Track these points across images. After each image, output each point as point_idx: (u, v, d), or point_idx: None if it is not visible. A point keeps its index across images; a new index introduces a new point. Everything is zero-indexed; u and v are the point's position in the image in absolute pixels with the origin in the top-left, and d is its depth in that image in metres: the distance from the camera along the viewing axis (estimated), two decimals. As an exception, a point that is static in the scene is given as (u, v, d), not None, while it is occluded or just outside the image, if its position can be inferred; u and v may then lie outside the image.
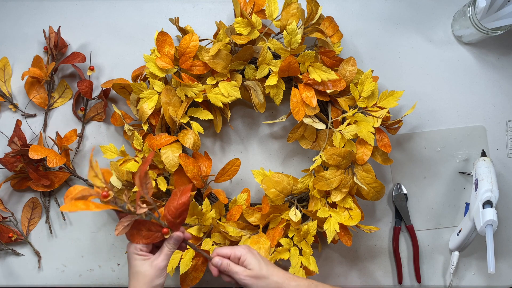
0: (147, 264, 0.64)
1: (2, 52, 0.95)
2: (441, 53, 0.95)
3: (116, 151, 0.86)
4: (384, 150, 0.84)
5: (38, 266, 0.93)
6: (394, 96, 0.85)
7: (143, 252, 0.65)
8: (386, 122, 0.86)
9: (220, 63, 0.85)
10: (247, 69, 0.87)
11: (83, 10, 0.96)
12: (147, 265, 0.64)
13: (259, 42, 0.86)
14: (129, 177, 0.85)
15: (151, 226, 0.65)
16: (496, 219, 0.80)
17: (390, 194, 0.94)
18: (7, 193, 0.94)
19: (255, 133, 0.95)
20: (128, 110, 0.93)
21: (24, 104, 0.95)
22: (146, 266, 0.64)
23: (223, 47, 0.85)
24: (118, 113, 0.89)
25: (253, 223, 0.86)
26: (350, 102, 0.86)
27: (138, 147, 0.86)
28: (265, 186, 0.83)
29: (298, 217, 0.82)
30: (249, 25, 0.83)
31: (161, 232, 0.65)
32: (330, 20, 0.88)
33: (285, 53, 0.84)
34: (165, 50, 0.85)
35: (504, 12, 0.87)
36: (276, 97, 0.86)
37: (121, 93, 0.90)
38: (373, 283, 0.94)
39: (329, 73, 0.84)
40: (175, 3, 0.96)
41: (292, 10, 0.85)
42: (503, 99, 0.95)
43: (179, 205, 0.64)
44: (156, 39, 0.84)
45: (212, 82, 0.86)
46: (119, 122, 0.90)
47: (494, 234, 0.80)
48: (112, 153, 0.86)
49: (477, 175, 0.86)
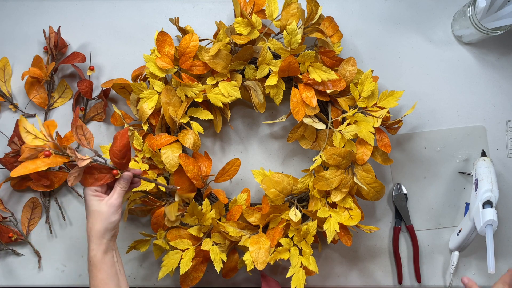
0: (103, 203, 0.70)
1: (2, 52, 0.95)
2: (441, 53, 0.95)
3: None
4: (384, 150, 0.84)
5: (38, 266, 0.93)
6: (394, 96, 0.85)
7: (98, 193, 0.71)
8: (386, 122, 0.86)
9: (220, 63, 0.85)
10: (247, 69, 0.87)
11: (83, 10, 0.96)
12: (103, 204, 0.70)
13: (259, 42, 0.86)
14: None
15: (102, 169, 0.71)
16: (496, 219, 0.80)
17: (390, 194, 0.94)
18: (7, 193, 0.94)
19: (255, 133, 0.95)
20: (128, 110, 0.93)
21: (24, 104, 0.95)
22: (102, 205, 0.70)
23: (223, 47, 0.85)
24: (118, 113, 0.89)
25: (253, 223, 0.86)
26: (350, 102, 0.86)
27: (138, 147, 0.86)
28: (265, 186, 0.83)
29: (298, 217, 0.82)
30: (249, 25, 0.83)
31: (111, 174, 0.71)
32: (330, 20, 0.88)
33: (285, 53, 0.84)
34: (165, 50, 0.85)
35: (504, 12, 0.87)
36: (276, 97, 0.86)
37: (121, 93, 0.90)
38: (373, 283, 0.94)
39: (329, 73, 0.84)
40: (175, 3, 0.96)
41: (292, 10, 0.85)
42: (503, 99, 0.95)
43: (121, 146, 0.70)
44: (156, 39, 0.84)
45: (212, 82, 0.86)
46: (119, 122, 0.90)
47: (494, 234, 0.80)
48: None
49: (477, 175, 0.86)
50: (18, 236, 0.92)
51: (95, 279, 0.69)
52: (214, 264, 0.82)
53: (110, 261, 0.70)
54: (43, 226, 0.94)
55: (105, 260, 0.69)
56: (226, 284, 0.93)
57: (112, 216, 0.70)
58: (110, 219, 0.70)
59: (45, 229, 0.94)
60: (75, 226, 0.94)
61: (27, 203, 0.93)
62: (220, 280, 0.93)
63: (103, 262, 0.69)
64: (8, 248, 0.93)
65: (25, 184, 0.91)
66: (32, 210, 0.93)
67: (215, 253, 0.83)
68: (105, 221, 0.69)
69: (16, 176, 0.90)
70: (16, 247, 0.93)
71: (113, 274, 0.70)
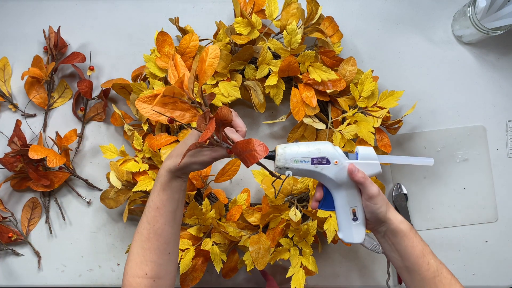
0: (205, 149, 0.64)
1: (2, 52, 0.95)
2: (441, 53, 0.95)
3: (116, 151, 0.86)
4: (384, 150, 0.84)
5: (38, 266, 0.93)
6: (394, 96, 0.85)
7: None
8: (386, 122, 0.86)
9: (220, 63, 0.85)
10: (247, 69, 0.87)
11: (83, 10, 0.96)
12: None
13: (259, 42, 0.86)
14: (129, 177, 0.84)
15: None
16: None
17: (390, 194, 0.94)
18: (7, 193, 0.94)
19: (255, 133, 0.95)
20: (128, 110, 0.93)
21: (24, 104, 0.95)
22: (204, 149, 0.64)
23: (223, 47, 0.85)
24: (118, 113, 0.89)
25: (253, 223, 0.86)
26: (350, 102, 0.86)
27: (138, 147, 0.85)
28: (265, 186, 0.83)
29: (298, 217, 0.82)
30: (249, 25, 0.83)
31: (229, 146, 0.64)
32: (330, 20, 0.88)
33: (285, 53, 0.84)
34: (165, 50, 0.85)
35: (504, 12, 0.87)
36: (276, 97, 0.86)
37: (121, 93, 0.89)
38: (373, 283, 0.94)
39: (329, 73, 0.84)
40: (175, 3, 0.96)
41: (292, 10, 0.85)
42: (503, 99, 0.95)
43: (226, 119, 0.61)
44: (156, 39, 0.84)
45: (212, 82, 0.86)
46: (119, 122, 0.90)
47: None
48: (112, 153, 0.86)
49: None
50: (18, 236, 0.92)
51: (156, 197, 0.65)
52: (214, 264, 0.82)
53: (177, 187, 0.66)
54: (43, 226, 0.94)
55: (172, 183, 0.65)
56: (226, 284, 0.93)
57: (202, 155, 0.64)
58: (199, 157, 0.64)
59: (45, 229, 0.94)
60: (75, 226, 0.94)
61: (27, 203, 0.93)
62: (220, 280, 0.93)
63: (170, 184, 0.65)
64: (8, 248, 0.92)
65: (25, 184, 0.91)
66: (32, 210, 0.93)
67: (215, 253, 0.83)
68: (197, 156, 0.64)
69: (16, 176, 0.91)
70: (16, 247, 0.93)
71: (176, 199, 0.66)
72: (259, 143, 0.57)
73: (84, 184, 0.94)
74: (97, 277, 0.94)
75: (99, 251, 0.94)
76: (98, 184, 0.93)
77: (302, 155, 0.62)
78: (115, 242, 0.94)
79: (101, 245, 0.93)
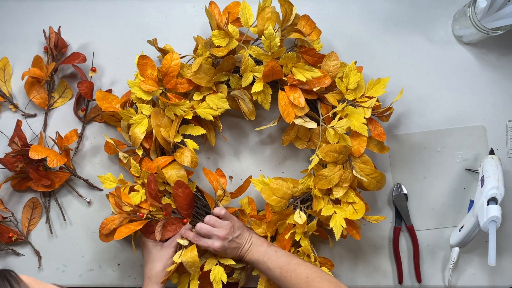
0: (164, 248, 0.84)
1: (2, 52, 0.95)
2: (441, 53, 0.95)
3: (115, 180, 0.86)
4: (379, 139, 0.84)
5: (38, 266, 0.93)
6: (381, 84, 0.84)
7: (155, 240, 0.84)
8: (376, 111, 0.86)
9: (203, 77, 0.84)
10: (232, 79, 0.87)
11: (83, 10, 0.96)
12: (165, 249, 0.84)
13: (239, 51, 0.85)
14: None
15: (173, 221, 0.84)
16: (500, 216, 0.80)
17: (390, 194, 0.94)
18: (7, 193, 0.94)
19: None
20: (119, 136, 0.93)
21: (24, 104, 0.95)
22: (163, 250, 0.83)
23: (204, 61, 0.84)
24: (110, 142, 0.88)
25: (261, 234, 0.86)
26: (338, 96, 0.86)
27: (136, 173, 0.85)
28: (265, 195, 0.83)
29: (303, 219, 0.82)
30: (226, 36, 0.83)
31: (182, 223, 0.85)
32: (306, 19, 0.87)
33: (267, 58, 0.83)
34: (147, 73, 0.85)
35: (504, 12, 0.88)
36: (265, 102, 0.86)
37: (111, 121, 0.91)
38: (373, 283, 0.94)
39: (313, 71, 0.83)
40: (176, 3, 0.96)
41: (266, 14, 0.83)
42: (503, 99, 0.95)
43: (186, 200, 0.83)
44: (137, 63, 0.84)
45: (199, 98, 0.86)
46: (113, 151, 0.90)
47: (496, 232, 0.80)
48: (111, 182, 0.86)
49: (483, 172, 0.86)
50: (18, 236, 0.92)
51: None
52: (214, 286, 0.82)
53: None
54: (43, 226, 0.94)
55: None
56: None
57: (170, 259, 0.82)
58: (169, 261, 0.82)
59: (45, 229, 0.94)
60: (75, 226, 0.94)
61: (27, 203, 0.93)
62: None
63: None
64: (8, 248, 0.92)
65: (25, 184, 0.91)
66: (32, 210, 0.93)
67: (215, 273, 0.82)
68: (165, 262, 0.82)
69: (16, 176, 0.91)
70: (16, 247, 0.93)
71: None
72: None
73: (85, 184, 0.94)
74: (98, 277, 0.94)
75: (99, 251, 0.94)
76: (98, 184, 0.93)
77: None
78: (115, 242, 0.94)
79: (101, 245, 0.93)
